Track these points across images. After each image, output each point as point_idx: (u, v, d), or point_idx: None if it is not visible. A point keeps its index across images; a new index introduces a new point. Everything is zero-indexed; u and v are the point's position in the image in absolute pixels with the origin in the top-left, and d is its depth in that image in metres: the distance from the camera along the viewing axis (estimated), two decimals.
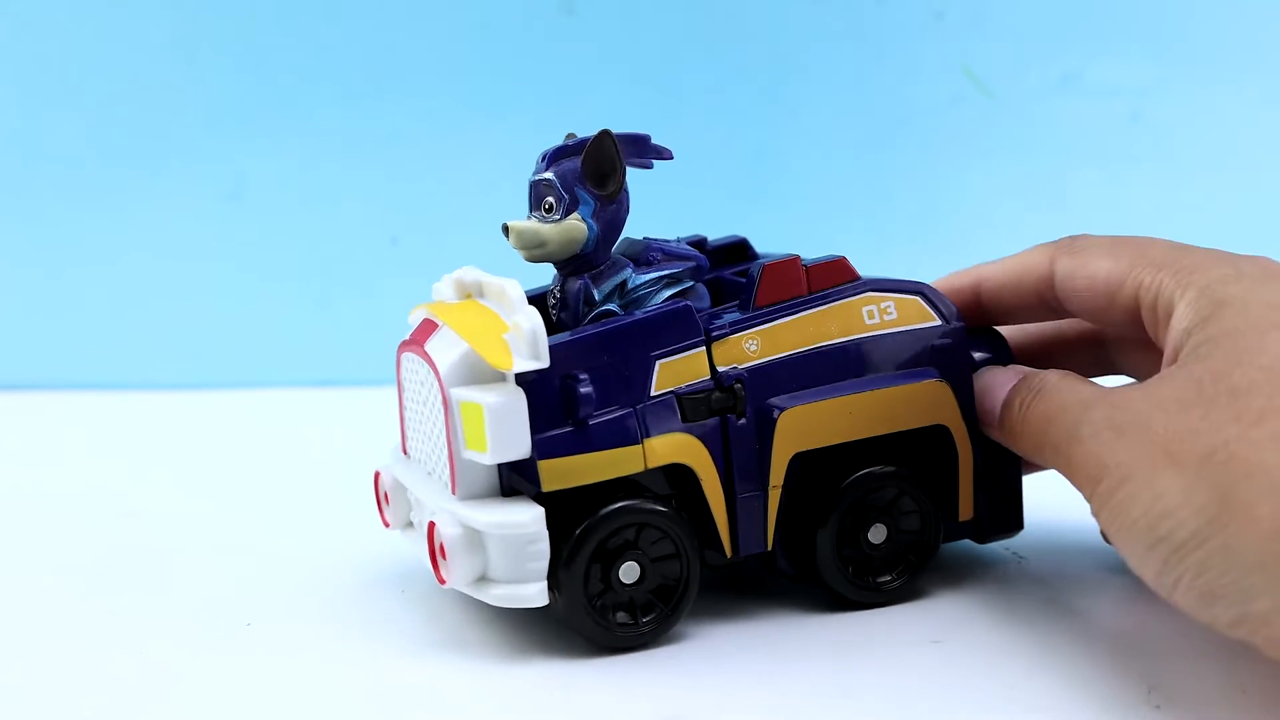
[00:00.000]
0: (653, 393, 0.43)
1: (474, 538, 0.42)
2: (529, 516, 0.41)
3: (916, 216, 0.89)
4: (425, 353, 0.43)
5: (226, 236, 0.90)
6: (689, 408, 0.43)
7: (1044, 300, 0.45)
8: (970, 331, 0.47)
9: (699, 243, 0.50)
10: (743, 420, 0.44)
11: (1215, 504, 0.34)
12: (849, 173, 0.89)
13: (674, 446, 0.43)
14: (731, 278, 0.49)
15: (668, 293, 0.45)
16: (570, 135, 0.45)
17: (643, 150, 0.45)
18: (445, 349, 0.43)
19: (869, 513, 0.45)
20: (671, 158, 0.45)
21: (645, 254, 0.45)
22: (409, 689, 0.41)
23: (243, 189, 0.91)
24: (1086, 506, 0.38)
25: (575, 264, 0.44)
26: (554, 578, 0.42)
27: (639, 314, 0.43)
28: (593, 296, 0.44)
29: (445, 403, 0.42)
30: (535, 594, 0.42)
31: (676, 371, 0.43)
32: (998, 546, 0.51)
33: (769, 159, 0.90)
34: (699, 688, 0.40)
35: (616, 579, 0.42)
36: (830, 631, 0.44)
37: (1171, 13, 0.87)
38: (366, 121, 0.90)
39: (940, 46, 0.88)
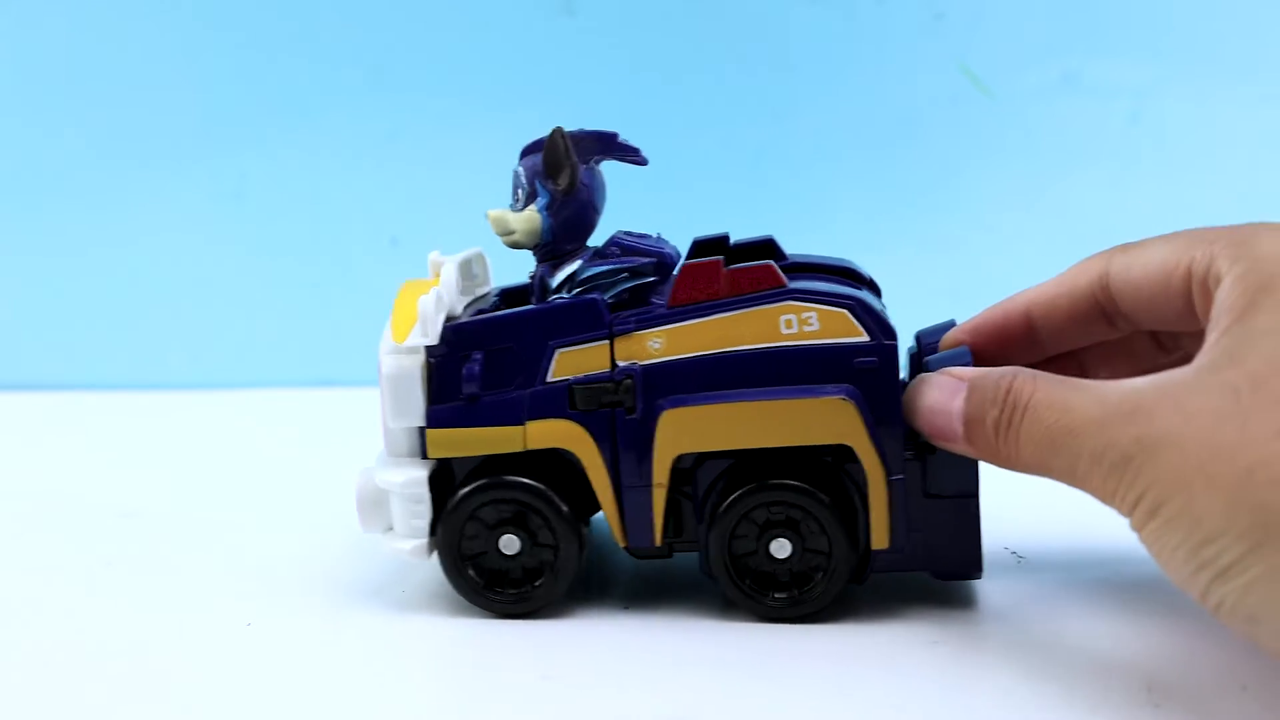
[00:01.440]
0: (548, 379, 0.45)
1: (381, 493, 0.47)
2: (408, 478, 0.45)
3: (916, 216, 0.89)
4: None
5: (227, 236, 0.91)
6: (580, 397, 0.45)
7: (1099, 305, 0.43)
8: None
9: (720, 239, 0.49)
10: (633, 416, 0.44)
11: (1259, 528, 0.32)
12: (849, 172, 0.89)
13: (556, 432, 0.45)
14: None
15: (627, 285, 0.46)
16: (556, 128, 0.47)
17: (609, 147, 0.46)
18: (388, 323, 0.47)
19: (772, 526, 0.44)
20: (644, 162, 0.46)
21: (605, 247, 0.46)
22: (409, 690, 0.41)
23: (243, 189, 0.91)
24: (1085, 506, 0.38)
25: (543, 252, 0.47)
26: (437, 538, 0.46)
27: (545, 304, 0.46)
28: (547, 285, 0.46)
29: (380, 370, 0.46)
30: (412, 549, 0.46)
31: (575, 362, 0.45)
32: (997, 546, 0.51)
33: (769, 159, 0.90)
34: (699, 688, 0.40)
35: (497, 551, 0.45)
36: (830, 632, 0.44)
37: (1171, 13, 0.87)
38: (367, 122, 0.90)
39: (940, 46, 0.88)
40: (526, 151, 0.47)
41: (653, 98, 0.89)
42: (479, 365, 0.45)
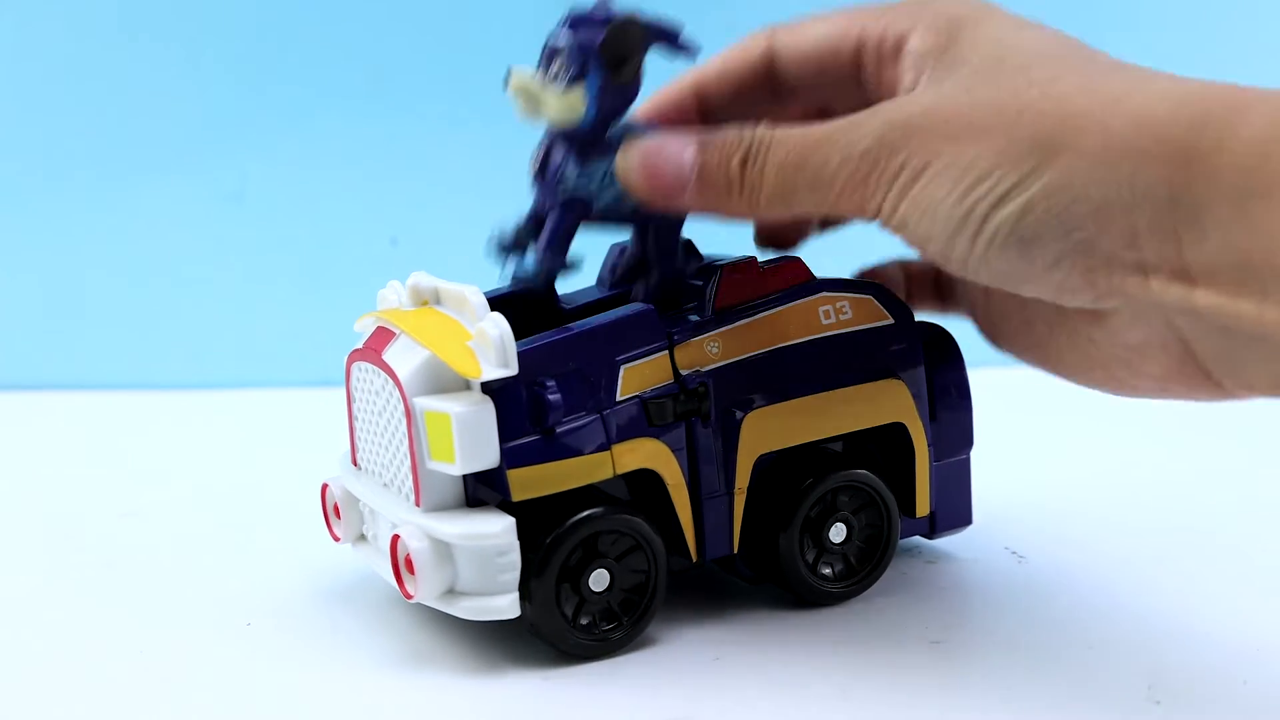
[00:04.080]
0: (618, 398, 0.42)
1: (442, 550, 0.41)
2: (499, 527, 0.40)
3: None
4: (383, 362, 0.43)
5: (227, 237, 0.90)
6: (654, 412, 0.42)
7: (766, 78, 0.44)
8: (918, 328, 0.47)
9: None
10: (708, 424, 0.43)
11: (1038, 151, 0.34)
12: None
13: (642, 452, 0.42)
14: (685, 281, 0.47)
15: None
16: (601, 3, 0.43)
17: (671, 43, 0.43)
18: (404, 358, 0.42)
19: (832, 512, 0.45)
20: (696, 54, 0.43)
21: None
22: (409, 690, 0.41)
23: (244, 190, 0.91)
24: (1087, 506, 0.38)
25: (569, 133, 0.42)
26: (524, 588, 0.41)
27: (602, 318, 0.43)
28: (570, 175, 0.42)
29: (408, 413, 0.41)
30: (507, 605, 0.41)
31: (641, 375, 0.43)
32: (997, 546, 0.51)
33: None
34: (700, 689, 0.40)
35: (587, 587, 0.42)
36: (830, 632, 0.44)
37: (1171, 12, 0.87)
38: (367, 123, 0.90)
39: None
40: (575, 23, 0.41)
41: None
42: (558, 393, 0.41)
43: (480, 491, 0.42)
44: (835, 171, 0.37)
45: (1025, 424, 0.70)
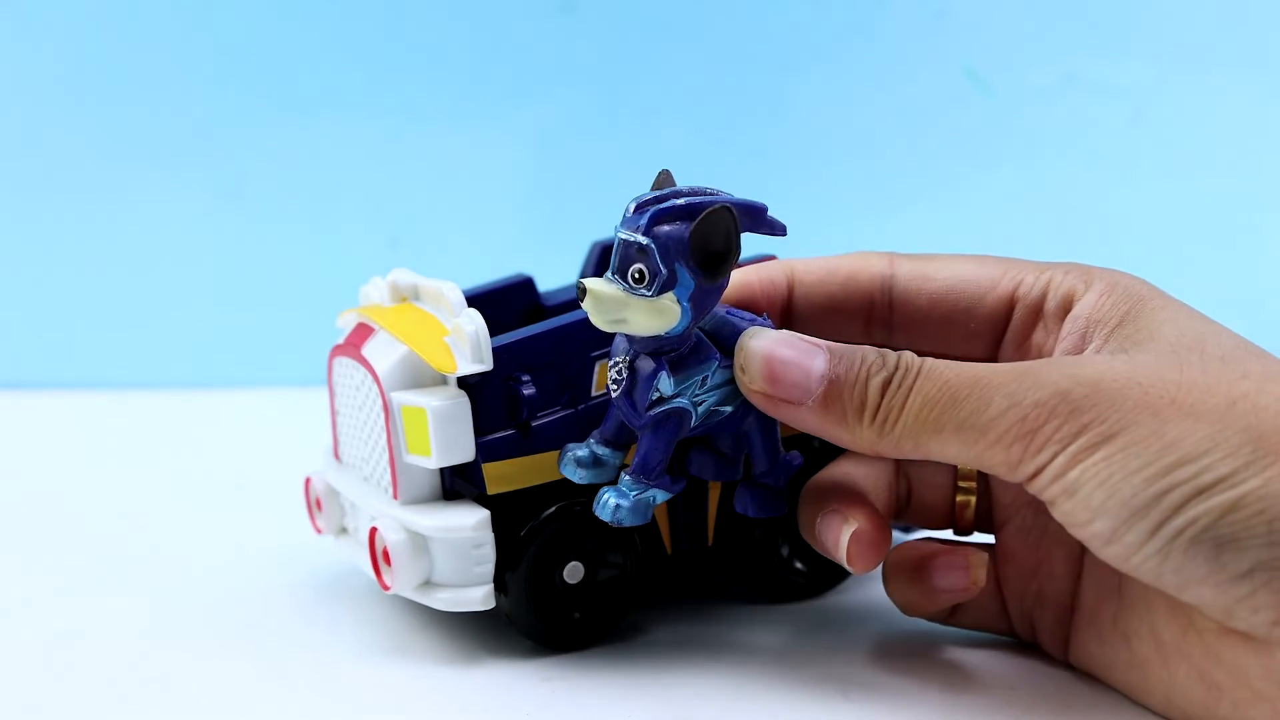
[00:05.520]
0: (593, 393, 0.43)
1: (418, 542, 0.42)
2: (474, 520, 0.41)
3: (915, 217, 0.89)
4: (362, 357, 0.43)
5: (226, 236, 0.91)
6: None
7: (869, 302, 0.41)
8: None
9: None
10: None
11: (1254, 445, 0.31)
12: (848, 173, 0.89)
13: None
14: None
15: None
16: (665, 173, 0.38)
17: (756, 223, 0.38)
18: (383, 353, 0.43)
19: None
20: (785, 234, 0.39)
21: (730, 337, 0.39)
22: (410, 691, 0.41)
23: (242, 189, 0.91)
24: None
25: (652, 342, 0.38)
26: (499, 580, 0.42)
27: (577, 314, 0.42)
28: (667, 386, 0.38)
29: (385, 407, 0.42)
30: (482, 597, 0.42)
31: None
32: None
33: (769, 159, 0.90)
34: (697, 689, 0.40)
35: (561, 579, 0.42)
36: (826, 630, 0.44)
37: (1171, 13, 0.87)
38: (366, 121, 0.90)
39: (941, 46, 0.88)
40: (656, 218, 0.36)
41: (651, 97, 0.89)
42: (534, 387, 0.41)
43: (457, 484, 0.43)
44: (996, 417, 0.33)
45: None
